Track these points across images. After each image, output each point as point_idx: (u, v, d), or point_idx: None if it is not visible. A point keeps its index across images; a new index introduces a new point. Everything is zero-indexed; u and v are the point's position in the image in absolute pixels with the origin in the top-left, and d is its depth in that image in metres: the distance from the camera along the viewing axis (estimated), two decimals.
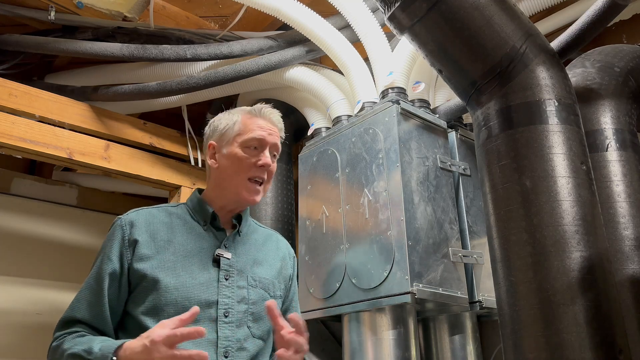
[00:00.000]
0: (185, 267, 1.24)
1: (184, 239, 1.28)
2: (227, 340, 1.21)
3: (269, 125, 1.37)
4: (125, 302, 1.23)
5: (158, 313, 1.18)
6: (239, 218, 1.37)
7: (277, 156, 1.40)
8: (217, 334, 1.20)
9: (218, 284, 1.25)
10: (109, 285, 1.21)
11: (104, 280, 1.21)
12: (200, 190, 1.41)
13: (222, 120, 1.39)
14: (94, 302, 1.20)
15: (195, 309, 1.09)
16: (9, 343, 2.79)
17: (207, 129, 1.43)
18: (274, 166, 1.38)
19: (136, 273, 1.21)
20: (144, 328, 1.15)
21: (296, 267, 1.51)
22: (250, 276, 1.31)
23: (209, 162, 1.38)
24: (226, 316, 1.23)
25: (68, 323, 1.21)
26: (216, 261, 1.28)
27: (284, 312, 1.42)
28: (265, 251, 1.40)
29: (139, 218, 1.29)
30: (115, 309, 1.22)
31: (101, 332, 1.20)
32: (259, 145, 1.34)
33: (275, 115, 1.40)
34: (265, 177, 1.35)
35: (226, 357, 1.19)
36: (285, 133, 1.44)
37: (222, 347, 1.19)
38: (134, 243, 1.24)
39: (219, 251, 1.28)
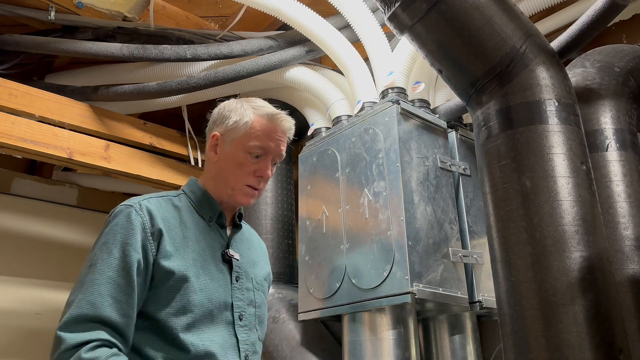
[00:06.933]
0: (203, 266, 1.16)
1: (195, 236, 1.19)
2: (245, 344, 1.17)
3: (278, 134, 1.27)
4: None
5: (186, 314, 1.09)
6: (240, 216, 1.32)
7: (278, 164, 1.33)
8: (237, 337, 1.15)
9: (231, 286, 1.20)
10: (137, 280, 1.07)
11: (132, 274, 1.06)
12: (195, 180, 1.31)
13: (233, 114, 1.27)
14: (122, 300, 1.04)
15: None
16: (9, 343, 2.79)
17: (215, 113, 1.32)
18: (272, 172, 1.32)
19: (162, 270, 1.09)
20: (168, 331, 1.08)
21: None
22: (253, 278, 1.27)
23: (209, 153, 1.28)
24: (241, 319, 1.18)
25: (90, 322, 1.01)
26: (226, 261, 1.22)
27: None
28: (254, 250, 1.35)
29: (153, 207, 1.16)
30: (138, 309, 1.09)
31: (124, 337, 1.05)
32: (263, 153, 1.25)
33: (289, 123, 1.29)
34: (261, 185, 1.27)
35: None
36: None
37: (243, 351, 1.15)
38: (158, 236, 1.12)
39: (230, 251, 1.23)
